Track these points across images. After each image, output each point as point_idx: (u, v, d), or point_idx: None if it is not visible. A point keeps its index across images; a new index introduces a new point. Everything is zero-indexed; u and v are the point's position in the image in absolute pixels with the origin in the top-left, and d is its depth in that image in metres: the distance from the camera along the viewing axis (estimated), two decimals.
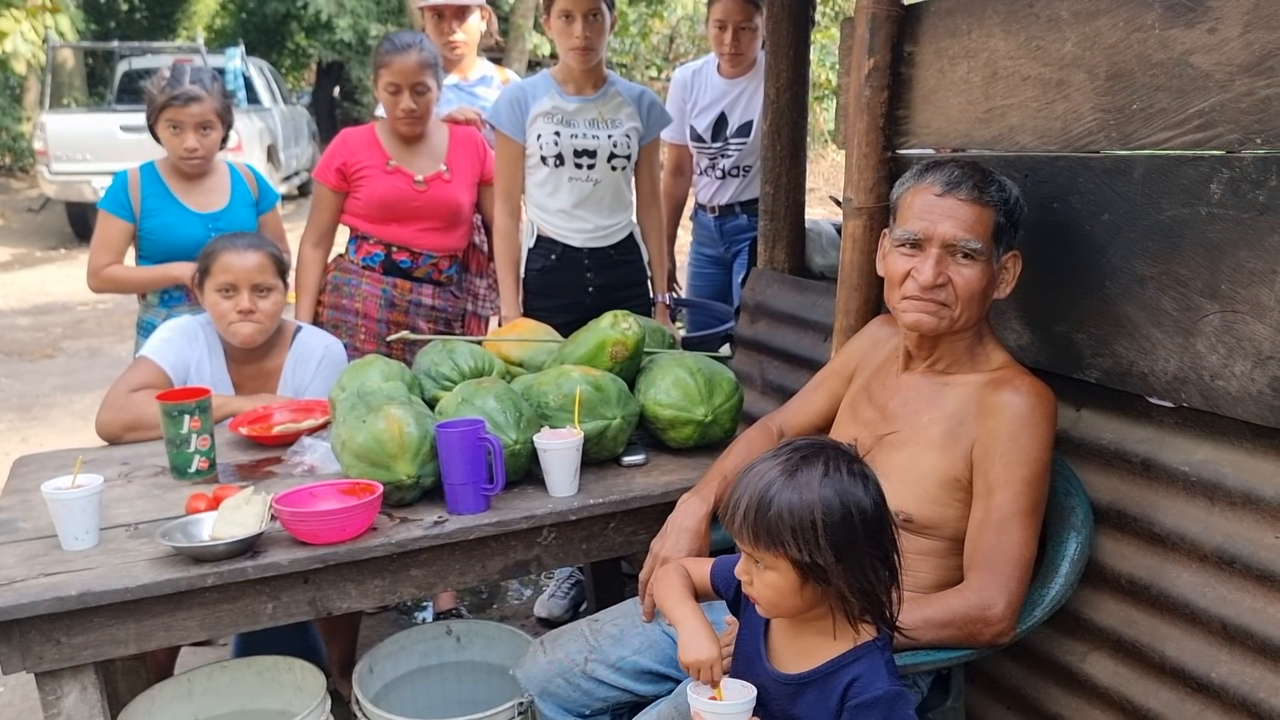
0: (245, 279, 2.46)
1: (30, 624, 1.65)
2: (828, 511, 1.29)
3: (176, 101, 2.81)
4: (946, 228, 1.67)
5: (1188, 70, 1.60)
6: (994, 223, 1.67)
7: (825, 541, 1.29)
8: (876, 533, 1.33)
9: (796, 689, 1.39)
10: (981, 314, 1.73)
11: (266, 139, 11.28)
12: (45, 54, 10.50)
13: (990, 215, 1.67)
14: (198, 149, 2.86)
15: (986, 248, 1.67)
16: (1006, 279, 1.74)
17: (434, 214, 3.01)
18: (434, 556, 1.91)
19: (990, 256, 1.68)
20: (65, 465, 2.11)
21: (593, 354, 2.25)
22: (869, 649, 1.36)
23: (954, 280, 1.67)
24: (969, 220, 1.66)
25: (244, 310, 2.46)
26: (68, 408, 5.43)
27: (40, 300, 8.26)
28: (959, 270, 1.67)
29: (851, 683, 1.34)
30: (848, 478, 1.33)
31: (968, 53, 2.01)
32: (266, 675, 2.13)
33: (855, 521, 1.31)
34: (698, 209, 3.76)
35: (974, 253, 1.67)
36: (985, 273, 1.68)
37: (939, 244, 1.67)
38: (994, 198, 1.68)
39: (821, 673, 1.37)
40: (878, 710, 1.32)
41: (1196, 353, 1.62)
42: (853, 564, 1.31)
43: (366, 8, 15.07)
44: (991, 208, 1.67)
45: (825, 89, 12.83)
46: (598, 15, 2.80)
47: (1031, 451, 1.62)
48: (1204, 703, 1.59)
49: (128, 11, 17.78)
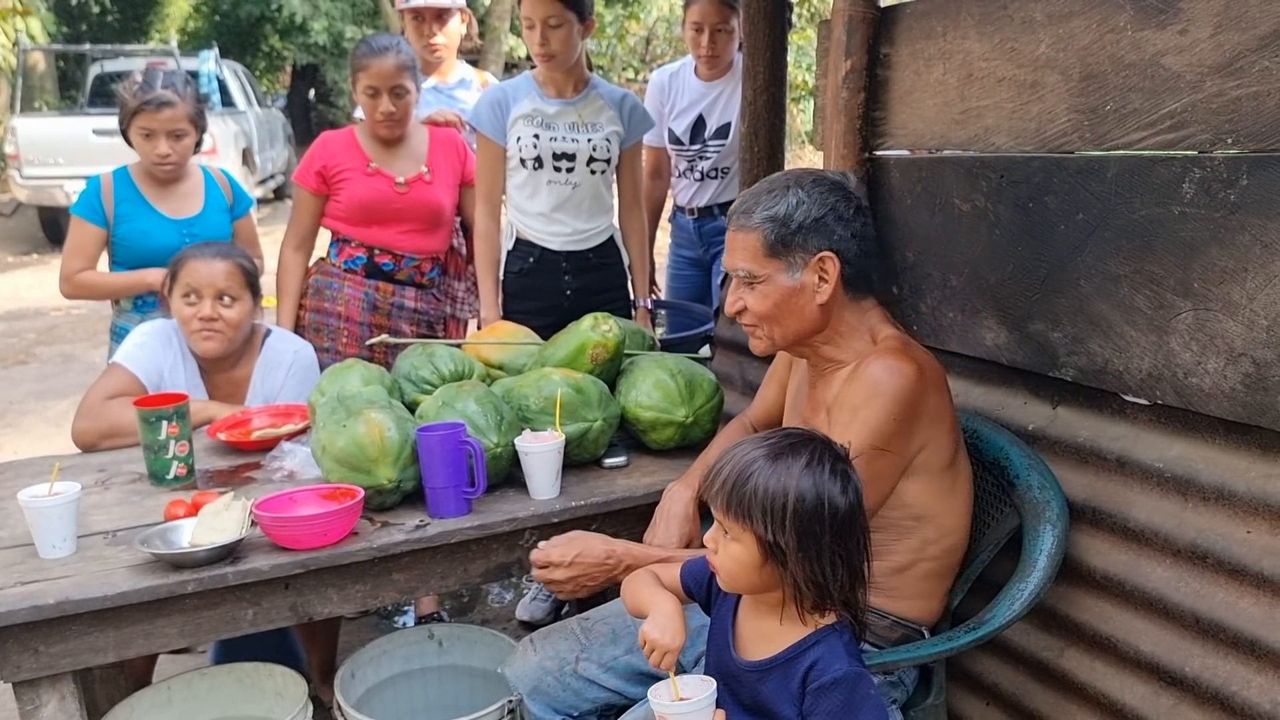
0: (209, 286, 2.45)
1: (7, 633, 1.64)
2: (800, 499, 1.33)
3: (148, 107, 2.79)
4: (728, 259, 1.77)
5: (1160, 71, 1.62)
6: (762, 243, 1.70)
7: (791, 526, 1.32)
8: (844, 532, 1.35)
9: (760, 675, 1.42)
10: (804, 324, 1.73)
11: (241, 142, 11.20)
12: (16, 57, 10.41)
13: (755, 237, 1.71)
14: (170, 155, 2.84)
15: (763, 268, 1.71)
16: (825, 280, 1.71)
17: (415, 216, 3.01)
18: (416, 560, 1.91)
19: (774, 274, 1.71)
20: (41, 473, 2.09)
21: (573, 356, 2.25)
22: (827, 632, 1.39)
23: (747, 303, 1.75)
24: (739, 249, 1.73)
25: (205, 318, 2.43)
26: (41, 414, 5.38)
27: (13, 306, 8.17)
28: (749, 294, 1.74)
29: (811, 666, 1.37)
30: (828, 474, 1.35)
31: (943, 54, 2.03)
32: (247, 682, 2.12)
33: (825, 515, 1.33)
34: (676, 211, 3.77)
35: (752, 277, 1.72)
36: (771, 292, 1.72)
37: (733, 274, 1.76)
38: (758, 220, 1.70)
39: (783, 658, 1.40)
40: (838, 691, 1.34)
41: (1170, 350, 1.64)
42: (813, 555, 1.34)
43: (341, 10, 15.02)
44: (757, 230, 1.70)
45: (802, 90, 12.88)
46: (559, 24, 2.77)
47: (871, 423, 1.62)
48: (1178, 696, 1.61)
49: (99, 14, 17.59)
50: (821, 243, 1.70)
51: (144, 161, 2.88)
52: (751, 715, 1.43)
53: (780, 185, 1.73)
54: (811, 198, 1.70)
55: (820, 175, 1.76)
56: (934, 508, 1.70)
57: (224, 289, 2.46)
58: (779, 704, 1.39)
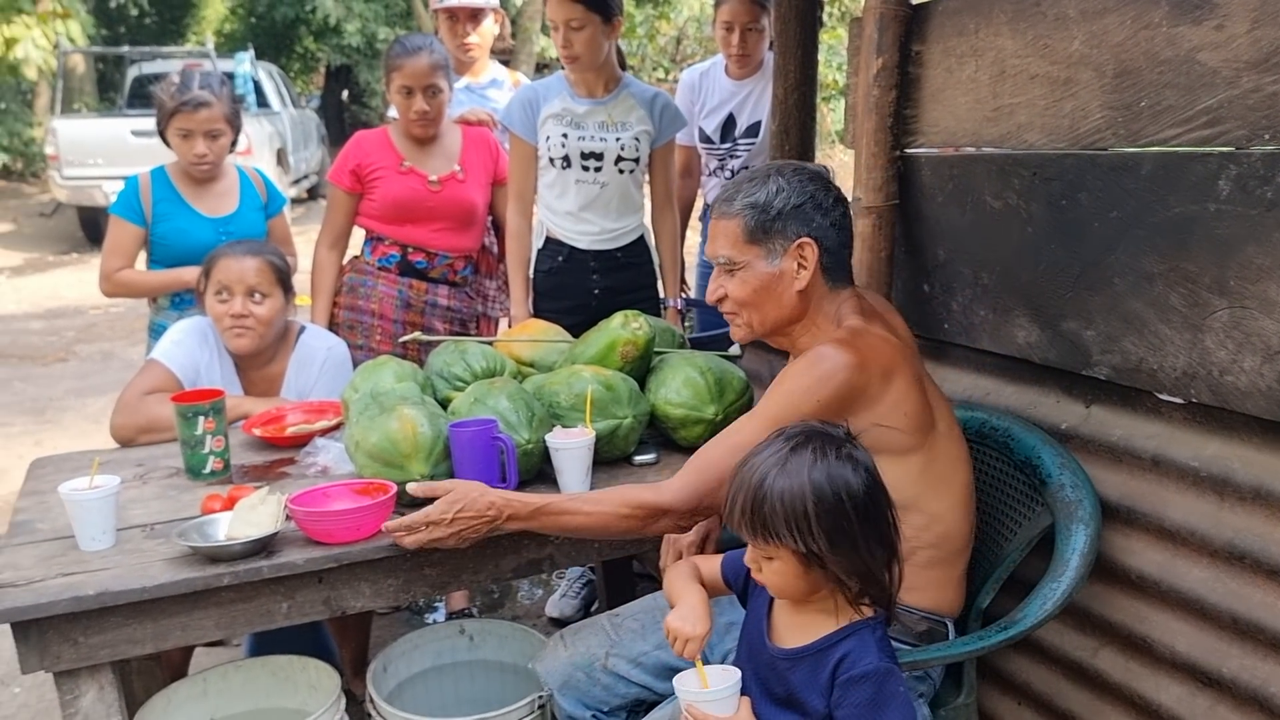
0: (239, 283, 2.48)
1: (48, 624, 1.66)
2: (819, 499, 1.33)
3: (186, 108, 2.83)
4: (711, 246, 1.79)
5: (1195, 67, 1.60)
6: (743, 228, 1.73)
7: (819, 529, 1.33)
8: (869, 512, 1.36)
9: (791, 664, 1.43)
10: (783, 311, 1.76)
11: (276, 143, 11.32)
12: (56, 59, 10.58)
13: (736, 224, 1.74)
14: (207, 155, 2.88)
15: (743, 254, 1.74)
16: (804, 267, 1.73)
17: (448, 214, 3.03)
18: (447, 555, 1.92)
19: (754, 260, 1.73)
20: (82, 467, 2.13)
21: (603, 354, 2.26)
22: (860, 626, 1.40)
23: (728, 290, 1.78)
24: (720, 236, 1.76)
25: (236, 315, 2.47)
26: (80, 411, 5.47)
27: (52, 304, 8.31)
28: (730, 282, 1.77)
29: (842, 659, 1.37)
30: (835, 462, 1.36)
31: (975, 51, 2.02)
32: (281, 675, 2.15)
33: (846, 506, 1.34)
34: (706, 210, 3.76)
35: (730, 263, 1.75)
36: (751, 279, 1.74)
37: (714, 261, 1.79)
38: (739, 206, 1.74)
39: (814, 648, 1.41)
40: (867, 685, 1.35)
41: (1205, 348, 1.62)
42: (847, 548, 1.34)
43: (375, 11, 15.14)
44: (738, 217, 1.73)
45: (832, 90, 12.81)
46: (582, 26, 2.77)
47: (788, 396, 1.65)
48: (1215, 697, 1.60)
49: (138, 17, 17.85)
50: (800, 229, 1.72)
51: (181, 161, 2.93)
52: (781, 706, 1.44)
53: (761, 174, 1.76)
54: (791, 185, 1.73)
55: (801, 165, 1.79)
56: (908, 493, 1.66)
57: (254, 285, 2.49)
58: (808, 694, 1.40)
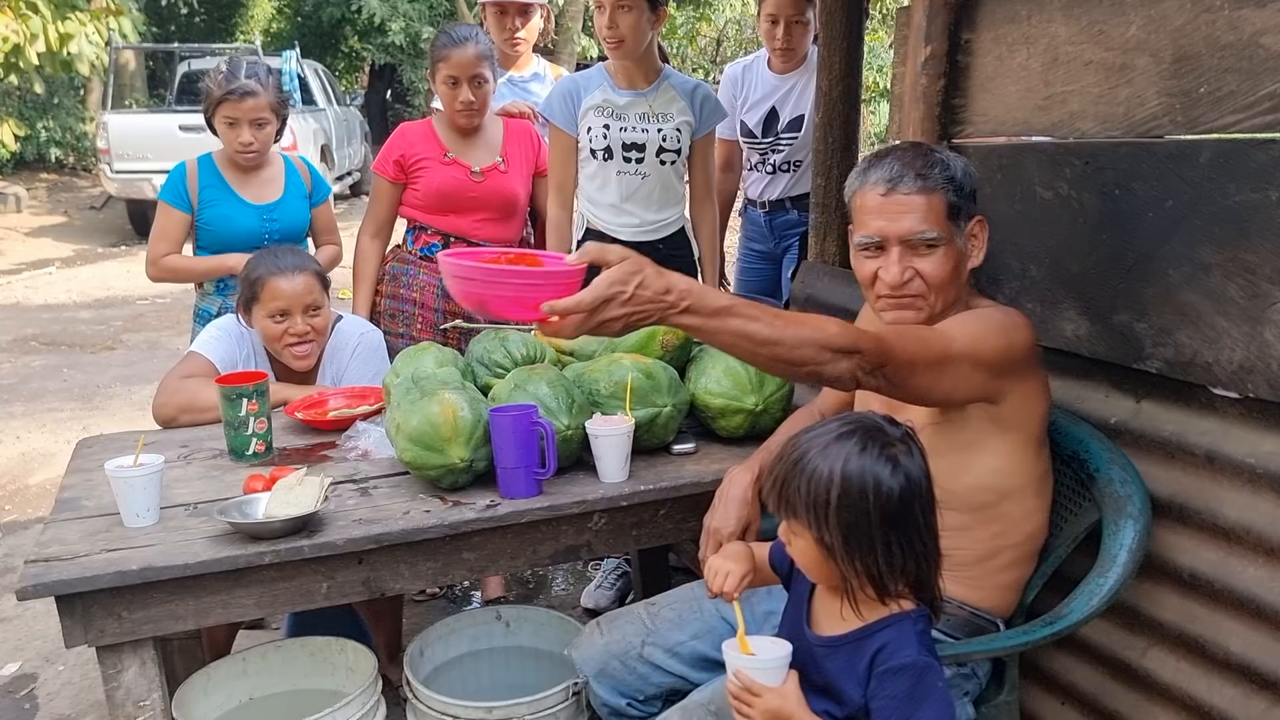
0: (298, 302, 2.49)
1: (93, 598, 1.69)
2: (844, 491, 1.30)
3: (232, 96, 2.86)
4: (901, 225, 1.65)
5: (1258, 51, 1.56)
6: (946, 204, 1.66)
7: (835, 520, 1.31)
8: (897, 518, 1.32)
9: (828, 651, 1.41)
10: (958, 291, 1.71)
11: (321, 139, 11.45)
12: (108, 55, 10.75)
13: (940, 199, 1.65)
14: (252, 143, 2.91)
15: (945, 231, 1.66)
16: (976, 246, 1.71)
17: (490, 205, 3.04)
18: (486, 540, 1.92)
19: (951, 237, 1.67)
20: (127, 447, 2.15)
21: (644, 342, 2.25)
22: (901, 618, 1.37)
23: (921, 271, 1.67)
24: (920, 211, 1.65)
25: (299, 333, 2.48)
26: (127, 398, 5.56)
27: (101, 295, 8.46)
28: (923, 261, 1.67)
29: (880, 649, 1.35)
30: (875, 459, 1.32)
31: (1027, 39, 1.98)
32: (319, 656, 2.16)
33: (869, 504, 1.30)
34: (747, 204, 3.74)
35: (933, 240, 1.66)
36: (950, 254, 1.67)
37: (897, 242, 1.66)
38: (938, 180, 1.65)
39: (853, 637, 1.39)
40: (905, 678, 1.32)
41: (1264, 341, 1.58)
42: (863, 548, 1.31)
43: (419, 11, 15.24)
44: (939, 191, 1.65)
45: (873, 92, 12.72)
46: (630, 8, 2.77)
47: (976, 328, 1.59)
48: (1271, 699, 1.55)
49: (187, 15, 18.11)
50: (974, 208, 1.69)
51: (227, 149, 2.96)
52: (818, 694, 1.42)
53: (926, 149, 1.69)
54: (962, 161, 1.68)
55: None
56: (1017, 481, 1.65)
57: (310, 302, 2.51)
58: (845, 683, 1.38)
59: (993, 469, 1.65)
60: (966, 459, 1.65)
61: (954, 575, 1.63)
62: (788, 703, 1.37)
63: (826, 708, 1.41)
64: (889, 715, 1.32)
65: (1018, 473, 1.66)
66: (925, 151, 1.69)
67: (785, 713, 1.37)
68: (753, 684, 1.38)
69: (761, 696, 1.38)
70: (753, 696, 1.38)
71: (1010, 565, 1.70)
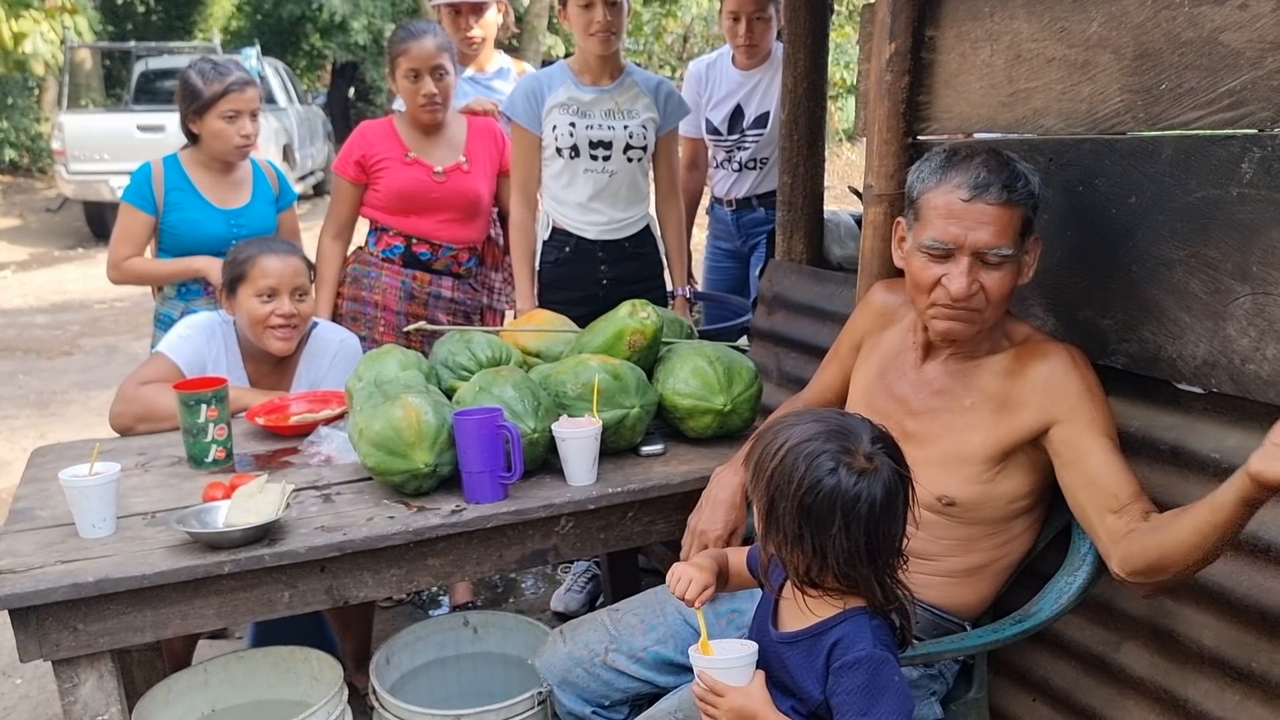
0: (287, 283, 2.45)
1: (47, 611, 1.65)
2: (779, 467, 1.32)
3: (235, 88, 2.81)
4: (979, 236, 1.58)
5: (1218, 48, 1.56)
6: (1023, 221, 1.61)
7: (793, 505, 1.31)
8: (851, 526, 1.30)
9: (787, 648, 1.41)
10: (1007, 305, 1.70)
11: (282, 139, 11.31)
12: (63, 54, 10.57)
13: (1019, 215, 1.60)
14: (251, 134, 2.87)
15: (1016, 247, 1.61)
16: (1028, 263, 1.69)
17: (453, 205, 3.00)
18: (451, 545, 1.90)
19: (1019, 254, 1.63)
20: (82, 455, 2.10)
21: (611, 343, 2.23)
22: (856, 613, 1.37)
23: (986, 286, 1.61)
24: (1001, 225, 1.58)
25: (285, 314, 2.44)
26: (85, 404, 5.46)
27: (58, 299, 8.30)
28: (990, 275, 1.61)
29: (835, 644, 1.35)
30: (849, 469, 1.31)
31: (990, 36, 1.98)
32: (283, 665, 2.12)
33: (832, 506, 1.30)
34: (714, 203, 3.73)
35: (1007, 258, 1.60)
36: (1014, 272, 1.63)
37: (970, 252, 1.59)
38: (1021, 195, 1.59)
39: (809, 633, 1.38)
40: (860, 671, 1.32)
41: (1227, 336, 1.59)
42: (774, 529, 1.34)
43: (381, 8, 15.11)
44: (1020, 207, 1.59)
45: (839, 88, 12.78)
46: (616, 2, 2.77)
47: (1100, 406, 1.60)
48: (1244, 691, 1.56)
49: (144, 13, 17.85)
50: (1034, 224, 1.65)
51: (224, 146, 2.87)
52: (783, 693, 1.42)
53: (1008, 158, 1.62)
54: (1035, 175, 1.64)
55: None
56: (1038, 497, 1.69)
57: (298, 285, 2.47)
58: (804, 679, 1.38)
59: (1029, 487, 1.68)
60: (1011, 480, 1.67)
61: (943, 581, 1.64)
62: (752, 701, 1.37)
63: (793, 704, 1.40)
64: (848, 709, 1.32)
65: (1041, 489, 1.68)
66: (1008, 161, 1.62)
67: (749, 711, 1.37)
68: (716, 684, 1.39)
69: (726, 696, 1.38)
70: (717, 697, 1.38)
71: (999, 573, 1.72)
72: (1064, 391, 1.60)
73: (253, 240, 2.59)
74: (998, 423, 1.65)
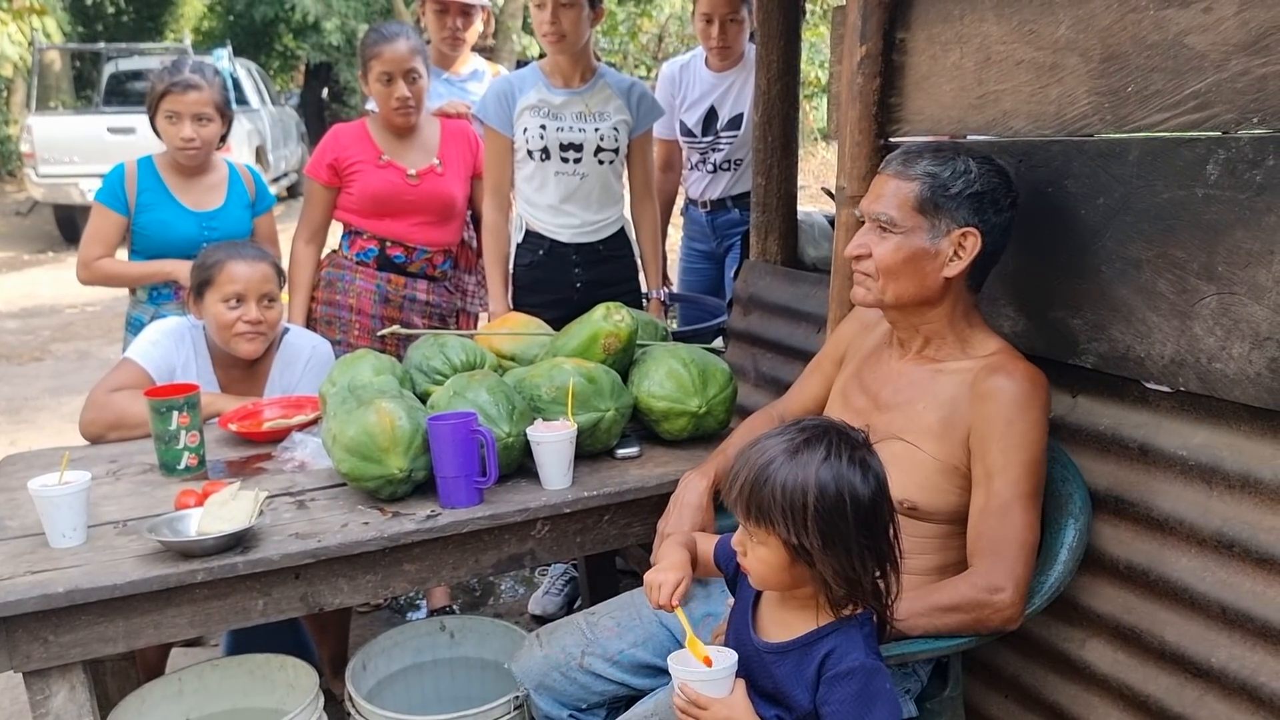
0: (254, 289, 2.42)
1: (17, 622, 1.63)
2: (820, 496, 1.30)
3: (175, 89, 2.78)
4: (870, 201, 1.73)
5: (1183, 51, 1.58)
6: (916, 195, 1.67)
7: (814, 526, 1.29)
8: (868, 523, 1.33)
9: (776, 658, 1.41)
10: (921, 290, 1.70)
11: (255, 140, 11.24)
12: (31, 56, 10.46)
13: (912, 188, 1.68)
14: (194, 139, 2.82)
15: (907, 220, 1.67)
16: (959, 256, 1.68)
17: (427, 208, 2.99)
18: (427, 551, 1.89)
19: (915, 230, 1.67)
20: (52, 463, 2.08)
21: (585, 346, 2.23)
22: (846, 623, 1.37)
23: (873, 250, 1.71)
24: (889, 194, 1.70)
25: (252, 320, 2.41)
26: (56, 410, 5.40)
27: (28, 304, 8.20)
28: (882, 244, 1.70)
29: (828, 655, 1.35)
30: (847, 465, 1.32)
31: (960, 38, 2.00)
32: (258, 673, 2.11)
33: (847, 509, 1.31)
34: (689, 204, 3.74)
35: (889, 224, 1.69)
36: (905, 246, 1.68)
37: (868, 217, 1.73)
38: (919, 171, 1.68)
39: (800, 643, 1.39)
40: (853, 682, 1.32)
41: (1193, 335, 1.61)
42: (839, 551, 1.31)
43: (354, 9, 15.02)
44: (914, 180, 1.68)
45: (814, 87, 12.82)
46: (570, 4, 2.75)
47: (1028, 435, 1.61)
48: (1204, 687, 1.58)
49: (114, 14, 17.67)
50: (970, 217, 1.67)
51: (168, 148, 2.86)
52: (767, 701, 1.41)
53: (950, 150, 1.71)
54: (978, 171, 1.68)
55: (990, 156, 1.74)
56: None
57: (266, 291, 2.45)
58: (793, 689, 1.38)
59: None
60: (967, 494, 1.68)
61: (915, 580, 1.65)
62: (735, 712, 1.37)
63: (777, 713, 1.40)
64: (840, 719, 1.32)
65: None
66: (937, 148, 1.72)
67: None
68: (699, 697, 1.38)
69: (709, 709, 1.37)
70: (700, 710, 1.38)
71: (959, 569, 1.71)
72: (998, 407, 1.62)
73: (221, 245, 2.56)
74: (943, 437, 1.68)
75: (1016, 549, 1.58)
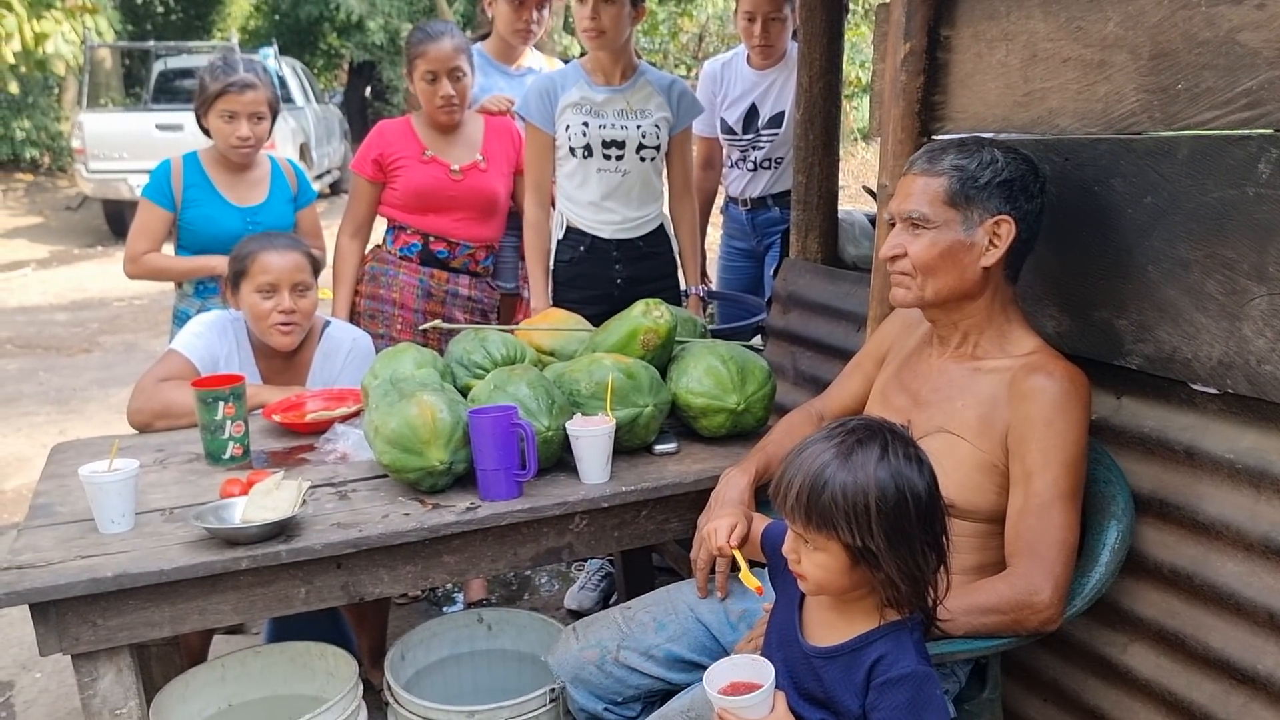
0: (287, 279, 2.46)
1: (67, 605, 1.66)
2: (882, 496, 1.28)
3: (233, 89, 2.82)
4: (900, 201, 1.73)
5: (1235, 48, 1.56)
6: (946, 189, 1.67)
7: (878, 526, 1.28)
8: (929, 517, 1.32)
9: (825, 662, 1.39)
10: (961, 283, 1.70)
11: (299, 138, 11.37)
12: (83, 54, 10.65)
13: (941, 183, 1.68)
14: (250, 137, 2.87)
15: (939, 214, 1.68)
16: (995, 245, 1.68)
17: (470, 204, 3.02)
18: (466, 543, 1.91)
19: (948, 224, 1.67)
20: (101, 452, 2.12)
21: (624, 342, 2.23)
22: (896, 627, 1.36)
23: (908, 249, 1.71)
24: (916, 191, 1.70)
25: (285, 310, 2.45)
26: (104, 401, 5.50)
27: (77, 296, 8.37)
28: (915, 241, 1.70)
29: (878, 660, 1.34)
30: (903, 461, 1.31)
31: (1006, 35, 1.98)
32: (299, 661, 2.14)
33: (909, 506, 1.30)
34: (729, 202, 3.74)
35: (921, 220, 1.69)
36: (940, 240, 1.68)
37: (900, 218, 1.73)
38: (946, 166, 1.68)
39: (849, 648, 1.37)
40: (905, 689, 1.31)
41: (1243, 337, 1.58)
42: (904, 549, 1.30)
43: (398, 8, 15.16)
44: (942, 175, 1.68)
45: (855, 87, 12.74)
46: (611, 1, 2.75)
47: (1068, 435, 1.60)
48: (1249, 694, 1.56)
49: (164, 13, 17.96)
50: (1002, 205, 1.68)
51: (221, 145, 2.91)
52: (814, 704, 1.40)
53: (974, 144, 1.72)
54: (1004, 160, 1.69)
55: (1014, 146, 1.74)
56: None
57: (299, 281, 2.48)
58: (840, 693, 1.36)
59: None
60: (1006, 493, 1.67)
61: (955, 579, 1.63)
62: None
63: (823, 717, 1.39)
64: None
65: None
66: (959, 143, 1.72)
67: None
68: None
69: None
70: None
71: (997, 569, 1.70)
72: (1038, 407, 1.61)
73: (255, 236, 2.59)
74: (982, 435, 1.67)
75: (1055, 549, 1.57)
